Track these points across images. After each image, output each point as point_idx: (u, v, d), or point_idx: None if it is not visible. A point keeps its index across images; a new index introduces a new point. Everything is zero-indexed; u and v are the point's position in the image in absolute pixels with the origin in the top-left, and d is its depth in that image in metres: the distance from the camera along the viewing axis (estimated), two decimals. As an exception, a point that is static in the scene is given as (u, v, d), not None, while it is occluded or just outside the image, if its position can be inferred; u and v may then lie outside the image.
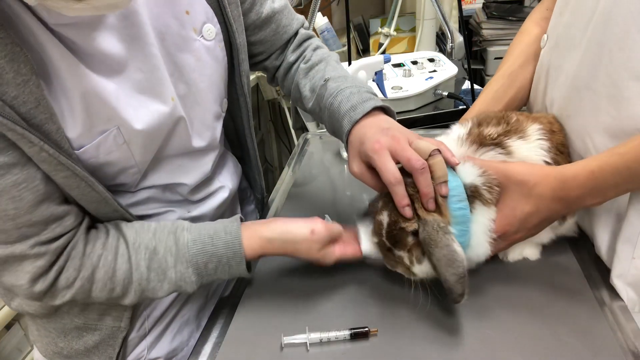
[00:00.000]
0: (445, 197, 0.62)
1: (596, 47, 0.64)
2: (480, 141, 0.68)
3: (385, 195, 0.67)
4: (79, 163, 0.62)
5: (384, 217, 0.65)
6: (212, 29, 0.74)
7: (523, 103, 0.84)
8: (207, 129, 0.79)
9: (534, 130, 0.69)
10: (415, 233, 0.63)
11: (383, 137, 0.68)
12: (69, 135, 0.61)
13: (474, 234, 0.64)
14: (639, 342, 0.61)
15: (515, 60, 0.84)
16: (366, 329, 0.65)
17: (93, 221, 0.70)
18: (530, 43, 0.83)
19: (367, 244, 0.70)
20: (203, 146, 0.78)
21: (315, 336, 0.65)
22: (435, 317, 0.67)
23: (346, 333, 0.65)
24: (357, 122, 0.73)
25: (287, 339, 0.65)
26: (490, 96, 0.83)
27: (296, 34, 0.93)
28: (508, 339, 0.63)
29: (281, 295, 0.73)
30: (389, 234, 0.65)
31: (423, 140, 0.67)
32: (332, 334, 0.65)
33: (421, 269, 0.65)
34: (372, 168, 0.69)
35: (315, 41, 0.95)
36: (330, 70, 0.86)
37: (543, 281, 0.71)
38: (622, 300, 0.67)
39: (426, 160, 0.64)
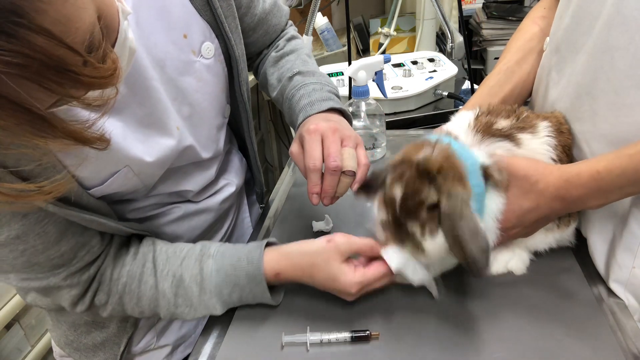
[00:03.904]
0: (325, 204, 0.68)
1: (599, 53, 0.63)
2: (491, 133, 0.67)
3: (394, 169, 0.64)
4: (88, 205, 0.64)
5: (397, 191, 0.62)
6: (211, 46, 0.74)
7: (520, 100, 0.84)
8: (212, 142, 0.81)
9: (543, 127, 0.69)
10: (430, 207, 0.60)
11: (323, 123, 0.70)
12: (78, 173, 0.62)
13: (485, 220, 0.63)
14: (639, 342, 0.61)
15: (512, 57, 0.84)
16: (367, 332, 0.65)
17: (127, 237, 0.72)
18: (527, 40, 0.83)
19: (396, 260, 0.64)
20: (209, 157, 0.80)
21: (315, 337, 0.65)
22: (438, 323, 0.67)
23: (347, 335, 0.65)
24: (310, 116, 0.75)
25: (287, 338, 0.65)
26: (486, 92, 0.83)
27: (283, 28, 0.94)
28: (508, 339, 0.63)
29: (284, 294, 0.73)
30: (402, 207, 0.61)
31: (353, 151, 0.69)
32: (333, 336, 0.65)
33: (433, 245, 0.61)
34: None
35: (291, 30, 0.96)
36: (299, 63, 0.87)
37: (543, 281, 0.71)
38: (622, 300, 0.67)
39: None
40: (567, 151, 0.70)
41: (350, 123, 0.80)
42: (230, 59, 0.79)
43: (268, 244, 0.70)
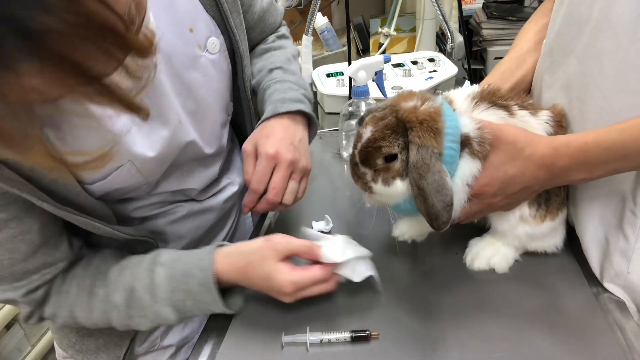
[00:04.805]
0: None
1: (588, 57, 0.63)
2: (488, 99, 0.67)
3: (378, 110, 0.66)
4: (85, 206, 0.64)
5: (366, 132, 0.64)
6: (216, 42, 0.74)
7: (529, 88, 0.84)
8: (216, 138, 0.81)
9: (544, 114, 0.69)
10: (387, 158, 0.63)
11: (284, 150, 0.74)
12: (81, 175, 0.62)
13: (454, 181, 0.63)
14: (638, 342, 0.61)
15: (523, 46, 0.84)
16: (367, 332, 0.65)
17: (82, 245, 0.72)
18: (537, 31, 0.83)
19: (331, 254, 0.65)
20: (212, 153, 0.80)
21: (315, 337, 0.65)
22: (438, 323, 0.67)
23: (347, 335, 0.65)
24: (278, 114, 0.77)
25: (287, 338, 0.65)
26: (498, 76, 0.83)
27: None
28: (508, 339, 0.63)
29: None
30: (362, 150, 0.65)
31: (296, 186, 0.75)
32: (333, 336, 0.65)
33: (380, 189, 0.65)
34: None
35: (283, 29, 0.98)
36: (283, 60, 0.89)
37: (542, 281, 0.71)
38: (621, 299, 0.67)
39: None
40: None
41: (316, 130, 0.83)
42: (235, 55, 0.79)
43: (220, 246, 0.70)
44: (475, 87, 0.72)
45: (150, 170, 0.70)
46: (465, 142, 0.63)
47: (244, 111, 0.87)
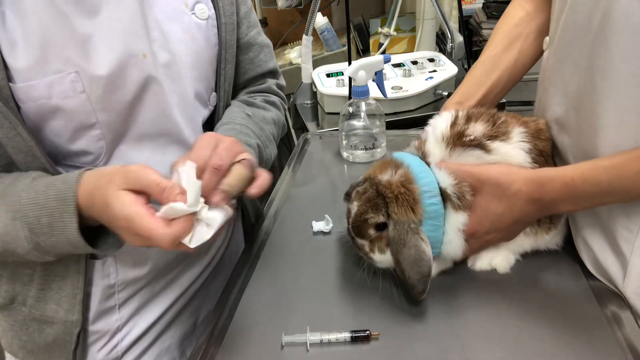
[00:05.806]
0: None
1: (584, 70, 0.63)
2: (461, 143, 0.68)
3: (359, 185, 0.71)
4: (10, 102, 0.59)
5: (353, 207, 0.69)
6: (205, 9, 0.74)
7: (508, 85, 0.83)
8: (187, 105, 0.75)
9: (517, 133, 0.69)
10: (377, 226, 0.67)
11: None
12: (16, 65, 0.59)
13: (447, 231, 0.67)
14: (638, 341, 0.61)
15: (498, 44, 0.83)
16: (367, 332, 0.65)
17: None
18: (513, 26, 0.82)
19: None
20: (185, 130, 0.75)
21: (315, 337, 0.65)
22: (439, 323, 0.67)
23: (347, 335, 0.65)
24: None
25: (287, 338, 0.65)
26: (474, 81, 0.83)
27: (268, 75, 0.92)
28: (508, 339, 0.63)
29: (284, 295, 0.73)
30: (354, 224, 0.69)
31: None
32: (333, 336, 0.65)
33: (380, 257, 0.68)
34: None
35: (277, 98, 0.94)
36: (260, 116, 0.86)
37: (541, 280, 0.71)
38: (621, 298, 0.67)
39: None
40: (545, 156, 0.70)
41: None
42: (220, 44, 0.78)
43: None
44: (446, 121, 0.71)
45: (99, 98, 0.63)
46: (445, 197, 0.66)
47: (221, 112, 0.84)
